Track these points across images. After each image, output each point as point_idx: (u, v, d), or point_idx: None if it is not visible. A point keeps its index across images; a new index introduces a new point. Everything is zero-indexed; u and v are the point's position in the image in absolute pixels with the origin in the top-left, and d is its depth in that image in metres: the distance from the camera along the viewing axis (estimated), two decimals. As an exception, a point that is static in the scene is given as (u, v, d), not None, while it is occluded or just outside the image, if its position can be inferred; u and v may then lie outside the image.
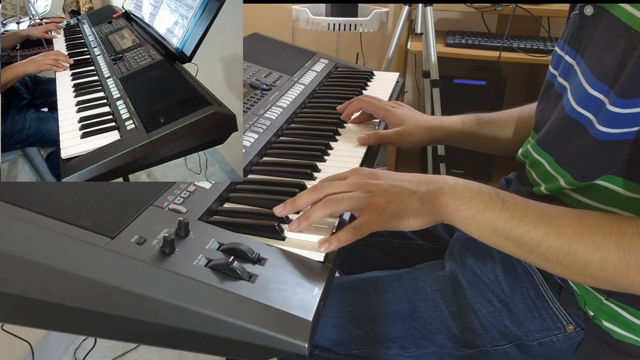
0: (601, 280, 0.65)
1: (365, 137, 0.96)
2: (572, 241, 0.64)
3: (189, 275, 0.56)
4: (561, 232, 0.65)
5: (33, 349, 1.47)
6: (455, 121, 1.02)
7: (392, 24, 2.40)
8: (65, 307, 0.56)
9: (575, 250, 0.64)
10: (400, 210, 0.69)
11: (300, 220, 0.68)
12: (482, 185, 0.71)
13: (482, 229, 0.68)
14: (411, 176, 0.73)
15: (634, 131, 0.67)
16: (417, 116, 1.02)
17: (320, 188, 0.71)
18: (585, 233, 0.64)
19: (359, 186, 0.70)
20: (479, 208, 0.68)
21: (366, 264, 1.07)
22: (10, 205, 0.60)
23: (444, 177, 0.72)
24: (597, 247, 0.63)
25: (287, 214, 0.70)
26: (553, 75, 0.85)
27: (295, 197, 0.71)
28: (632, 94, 0.66)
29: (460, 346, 0.85)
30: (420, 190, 0.70)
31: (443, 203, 0.69)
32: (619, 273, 0.63)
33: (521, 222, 0.67)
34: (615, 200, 0.72)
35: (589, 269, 0.64)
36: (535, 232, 0.66)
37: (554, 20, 2.28)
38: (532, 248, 0.66)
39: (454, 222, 0.70)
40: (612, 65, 0.69)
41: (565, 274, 0.69)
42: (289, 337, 0.53)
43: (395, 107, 1.03)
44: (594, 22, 0.75)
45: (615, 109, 0.67)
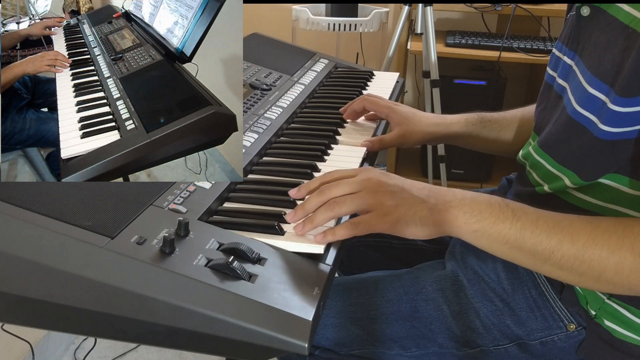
0: (617, 285, 0.64)
1: (369, 144, 0.96)
2: (587, 247, 0.64)
3: (189, 275, 0.56)
4: (575, 239, 0.64)
5: (33, 349, 1.47)
6: (458, 120, 1.02)
7: (392, 24, 2.40)
8: (65, 307, 0.56)
9: (590, 257, 0.64)
10: (407, 217, 0.68)
11: (305, 223, 0.67)
12: (491, 197, 0.70)
13: (493, 242, 0.68)
14: (422, 185, 0.71)
15: (635, 130, 0.67)
16: (419, 115, 1.02)
17: (327, 190, 0.69)
18: (599, 239, 0.64)
19: (367, 185, 0.69)
20: (489, 221, 0.67)
21: (366, 264, 1.07)
22: (10, 205, 0.60)
23: (453, 190, 0.71)
24: (612, 251, 0.63)
25: (299, 219, 0.69)
26: (552, 77, 0.85)
27: (303, 202, 0.70)
28: (632, 92, 0.66)
29: (462, 346, 0.85)
30: (430, 201, 0.69)
31: (453, 216, 0.68)
32: (635, 276, 0.63)
33: (533, 232, 0.66)
34: (619, 199, 0.72)
35: (604, 274, 0.64)
36: (548, 242, 0.65)
37: (554, 20, 2.28)
38: (546, 257, 0.66)
39: (463, 235, 0.69)
40: (611, 64, 0.69)
41: (580, 282, 0.68)
42: (289, 337, 0.53)
43: (398, 105, 1.03)
44: (591, 23, 0.76)
45: (616, 107, 0.68)
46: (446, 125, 1.01)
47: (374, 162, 1.00)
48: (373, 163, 0.97)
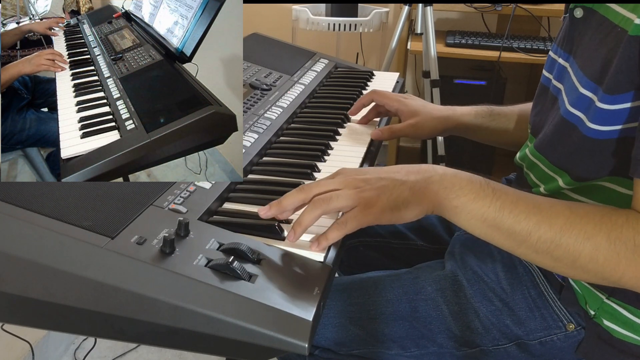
0: (590, 272, 0.64)
1: (379, 132, 0.96)
2: (564, 232, 0.64)
3: (189, 275, 0.56)
4: (552, 222, 0.64)
5: (33, 349, 1.47)
6: (468, 111, 1.02)
7: (392, 24, 2.40)
8: (65, 307, 0.56)
9: (567, 242, 0.64)
10: (391, 202, 0.67)
11: (294, 229, 0.65)
12: (472, 175, 0.70)
13: (471, 219, 0.67)
14: (399, 167, 0.71)
15: (618, 129, 0.68)
16: (429, 107, 1.02)
17: (307, 188, 0.68)
18: (576, 224, 0.64)
19: (346, 183, 0.68)
20: (469, 197, 0.67)
21: (366, 265, 1.07)
22: (10, 205, 0.60)
23: (433, 166, 0.71)
24: (588, 237, 0.63)
25: (272, 215, 0.67)
26: (547, 79, 0.85)
27: (281, 197, 0.69)
28: (617, 89, 0.66)
29: (461, 345, 0.85)
30: (410, 179, 0.68)
31: (433, 192, 0.68)
32: (609, 264, 0.62)
33: (512, 212, 0.66)
34: (614, 199, 0.72)
35: (579, 260, 0.63)
36: (526, 223, 0.65)
37: (554, 20, 2.28)
38: (523, 239, 0.66)
39: (444, 212, 0.69)
40: (601, 63, 0.69)
41: (554, 267, 0.68)
42: (289, 337, 0.53)
43: (407, 98, 1.03)
44: (584, 24, 0.76)
45: (603, 105, 0.68)
46: (456, 117, 1.01)
47: (374, 161, 1.00)
48: (373, 163, 0.97)
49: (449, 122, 1.01)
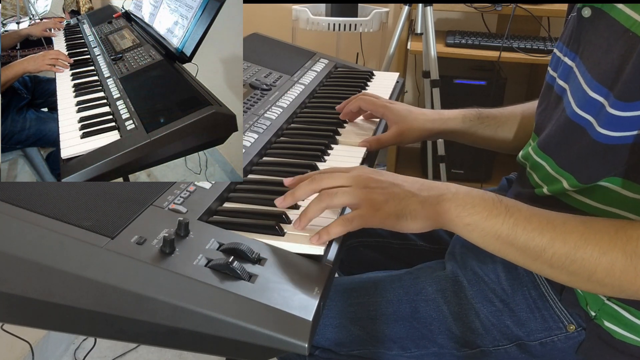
0: (607, 286, 0.64)
1: (367, 144, 0.96)
2: (578, 247, 0.64)
3: (189, 275, 0.56)
4: (567, 238, 0.64)
5: (33, 349, 1.47)
6: (455, 115, 1.02)
7: (392, 24, 2.40)
8: (65, 307, 0.56)
9: (582, 256, 0.63)
10: (398, 211, 0.68)
11: (300, 218, 0.68)
12: (485, 192, 0.70)
13: (485, 236, 0.68)
14: (414, 179, 0.72)
15: (634, 134, 0.67)
16: (415, 112, 1.01)
17: (319, 179, 0.71)
18: (591, 239, 0.63)
19: (358, 181, 0.70)
20: (482, 215, 0.67)
21: (366, 265, 1.07)
22: (10, 205, 0.60)
23: (446, 183, 0.72)
24: (604, 252, 0.63)
25: (287, 205, 0.71)
26: (552, 77, 0.85)
27: (294, 189, 0.71)
28: (631, 97, 0.66)
29: (461, 346, 0.85)
30: (422, 194, 0.69)
31: (445, 209, 0.68)
32: (626, 278, 0.62)
33: (526, 228, 0.66)
34: (618, 201, 0.72)
35: (595, 275, 0.63)
36: (540, 239, 0.65)
37: (554, 20, 2.28)
38: (537, 255, 0.66)
39: (456, 229, 0.69)
40: (611, 68, 0.69)
41: (570, 281, 0.68)
42: (289, 337, 0.53)
43: (393, 103, 1.03)
44: (592, 24, 0.75)
45: (615, 111, 0.67)
46: (443, 121, 1.01)
47: (374, 162, 1.00)
48: (373, 163, 0.97)
49: (434, 128, 1.00)
